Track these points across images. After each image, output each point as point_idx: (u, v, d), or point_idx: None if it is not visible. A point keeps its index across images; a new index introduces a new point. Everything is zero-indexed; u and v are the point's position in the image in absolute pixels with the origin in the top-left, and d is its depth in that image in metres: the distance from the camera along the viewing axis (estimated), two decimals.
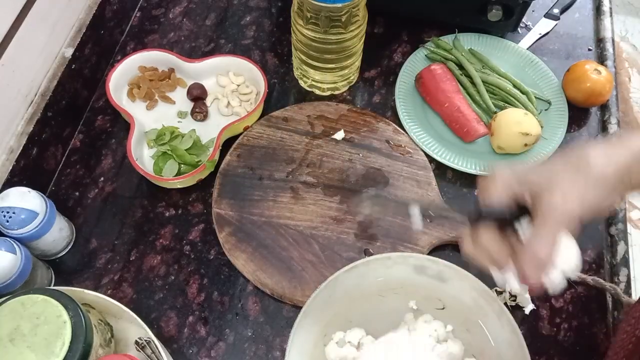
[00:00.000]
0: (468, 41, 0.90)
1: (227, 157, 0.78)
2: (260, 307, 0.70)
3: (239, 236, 0.73)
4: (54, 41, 0.78)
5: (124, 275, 0.72)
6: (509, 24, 0.88)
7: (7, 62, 0.68)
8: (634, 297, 0.69)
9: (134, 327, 0.65)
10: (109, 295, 0.62)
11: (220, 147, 0.77)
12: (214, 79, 0.85)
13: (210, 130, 0.80)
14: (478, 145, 0.81)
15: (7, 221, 0.63)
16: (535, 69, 0.88)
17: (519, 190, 0.46)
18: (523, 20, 0.91)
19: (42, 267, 0.68)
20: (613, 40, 0.93)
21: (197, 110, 0.81)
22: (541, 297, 0.71)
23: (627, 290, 0.70)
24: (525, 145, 0.77)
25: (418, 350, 0.61)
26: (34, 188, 0.67)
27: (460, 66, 0.86)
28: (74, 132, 0.83)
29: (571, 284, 0.71)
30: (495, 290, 0.71)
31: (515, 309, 0.70)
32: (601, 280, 0.70)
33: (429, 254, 0.71)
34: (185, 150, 0.77)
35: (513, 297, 0.70)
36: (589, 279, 0.70)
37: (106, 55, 0.90)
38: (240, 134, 0.81)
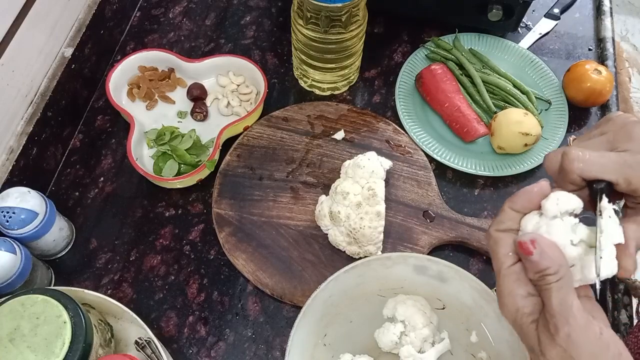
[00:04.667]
0: (468, 41, 0.90)
1: (227, 157, 0.78)
2: (260, 307, 0.70)
3: (239, 236, 0.73)
4: (54, 41, 0.78)
5: (124, 275, 0.72)
6: (509, 23, 0.88)
7: (7, 62, 0.68)
8: (634, 299, 0.69)
9: (134, 327, 0.65)
10: (109, 295, 0.62)
11: (220, 147, 0.77)
12: (214, 79, 0.85)
13: (210, 130, 0.80)
14: (478, 145, 0.81)
15: (7, 221, 0.63)
16: (536, 69, 0.88)
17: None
18: (523, 20, 0.91)
19: (42, 267, 0.68)
20: (613, 40, 0.93)
21: (197, 110, 0.81)
22: None
23: (627, 291, 0.70)
24: (526, 145, 0.77)
25: None
26: (34, 188, 0.67)
27: (461, 66, 0.86)
28: (73, 132, 0.83)
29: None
30: (495, 291, 0.71)
31: None
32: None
33: (429, 254, 0.71)
34: (185, 150, 0.77)
35: None
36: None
37: (106, 55, 0.90)
38: (240, 134, 0.80)
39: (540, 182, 0.42)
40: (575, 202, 0.41)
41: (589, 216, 0.41)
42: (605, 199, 0.40)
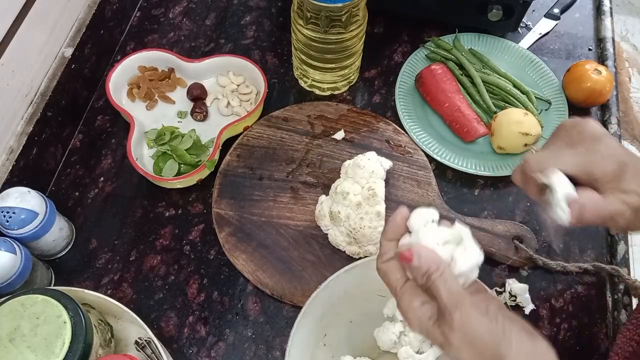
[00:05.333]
0: (468, 41, 0.90)
1: (227, 157, 0.78)
2: (260, 307, 0.70)
3: (239, 236, 0.73)
4: (54, 41, 0.78)
5: (124, 275, 0.72)
6: (509, 23, 0.88)
7: (7, 62, 0.68)
8: (634, 299, 0.70)
9: (134, 327, 0.65)
10: (109, 295, 0.62)
11: (220, 147, 0.77)
12: (214, 79, 0.85)
13: (210, 130, 0.80)
14: (478, 145, 0.81)
15: (7, 221, 0.63)
16: (536, 69, 0.88)
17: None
18: (523, 20, 0.91)
19: (42, 267, 0.68)
20: (613, 40, 0.93)
21: (197, 110, 0.81)
22: (541, 297, 0.71)
23: (627, 291, 0.70)
24: (526, 145, 0.77)
25: None
26: (34, 188, 0.67)
27: (461, 66, 0.86)
28: (73, 132, 0.83)
29: (573, 275, 0.71)
30: (495, 290, 0.71)
31: (515, 309, 0.70)
32: (602, 265, 0.70)
33: None
34: (185, 150, 0.77)
35: (513, 297, 0.70)
36: (589, 265, 0.70)
37: (106, 55, 0.90)
38: (240, 134, 0.80)
39: (400, 209, 0.47)
40: (432, 211, 0.46)
41: (452, 217, 0.48)
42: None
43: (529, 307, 0.70)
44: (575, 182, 0.45)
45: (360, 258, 0.70)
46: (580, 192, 0.44)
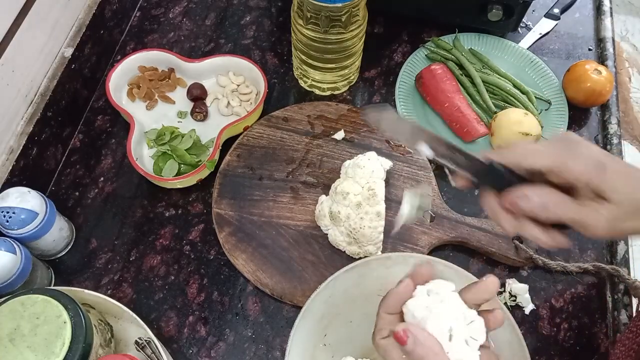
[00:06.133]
0: (468, 41, 0.90)
1: (227, 157, 0.78)
2: (260, 307, 0.70)
3: (239, 236, 0.73)
4: (54, 41, 0.78)
5: (124, 275, 0.72)
6: (509, 23, 0.88)
7: (7, 62, 0.68)
8: (634, 299, 0.70)
9: (134, 327, 0.65)
10: (109, 295, 0.62)
11: (220, 147, 0.77)
12: (214, 79, 0.85)
13: (210, 130, 0.80)
14: (478, 146, 0.81)
15: (7, 221, 0.63)
16: (536, 69, 0.88)
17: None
18: (523, 20, 0.91)
19: (42, 267, 0.68)
20: (613, 40, 0.93)
21: (197, 110, 0.81)
22: (541, 297, 0.71)
23: (627, 291, 0.70)
24: None
25: None
26: (34, 188, 0.67)
27: (461, 66, 0.86)
28: (74, 132, 0.83)
29: (573, 275, 0.71)
30: None
31: (515, 309, 0.70)
32: (602, 265, 0.70)
33: (429, 254, 0.71)
34: (185, 150, 0.77)
35: (513, 297, 0.70)
36: (589, 265, 0.70)
37: (106, 55, 0.90)
38: (240, 134, 0.80)
39: (404, 281, 0.43)
40: (450, 285, 0.42)
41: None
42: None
43: (529, 307, 0.70)
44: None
45: (360, 258, 0.70)
46: (542, 187, 0.42)
